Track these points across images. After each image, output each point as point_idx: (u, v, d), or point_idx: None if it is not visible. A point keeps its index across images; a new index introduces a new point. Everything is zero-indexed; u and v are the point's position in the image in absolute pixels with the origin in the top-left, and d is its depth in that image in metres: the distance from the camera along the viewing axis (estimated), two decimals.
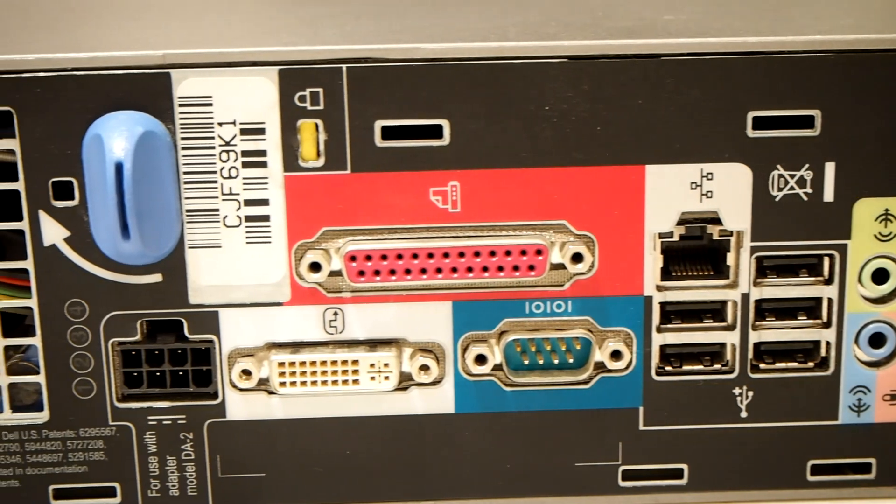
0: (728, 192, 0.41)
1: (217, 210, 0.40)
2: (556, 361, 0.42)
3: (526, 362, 0.42)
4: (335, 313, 0.42)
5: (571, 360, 0.42)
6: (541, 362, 0.42)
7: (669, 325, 0.42)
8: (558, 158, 0.40)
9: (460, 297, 0.42)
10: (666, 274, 0.42)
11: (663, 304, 0.42)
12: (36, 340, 0.41)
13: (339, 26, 0.43)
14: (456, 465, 0.43)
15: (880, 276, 0.42)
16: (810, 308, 0.42)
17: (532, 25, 0.43)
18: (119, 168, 0.38)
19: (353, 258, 0.40)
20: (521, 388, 0.42)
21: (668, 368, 0.43)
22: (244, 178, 0.40)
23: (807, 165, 0.41)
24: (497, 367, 0.42)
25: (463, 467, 0.43)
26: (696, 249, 0.43)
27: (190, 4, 0.47)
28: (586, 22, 0.43)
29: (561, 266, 0.41)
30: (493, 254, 0.41)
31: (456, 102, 0.40)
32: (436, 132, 0.40)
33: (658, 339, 0.42)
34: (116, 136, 0.38)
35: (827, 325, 0.42)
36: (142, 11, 0.47)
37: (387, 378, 0.42)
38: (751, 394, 0.43)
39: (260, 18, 0.45)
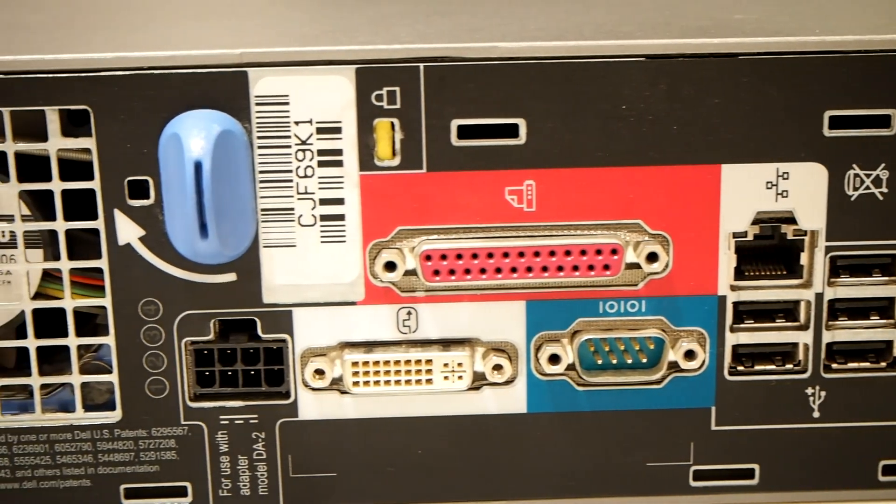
0: (803, 192, 0.41)
1: (292, 209, 0.40)
2: (629, 361, 0.42)
3: (599, 362, 0.42)
4: (409, 313, 0.41)
5: (644, 360, 0.42)
6: (614, 362, 0.42)
7: (742, 325, 0.42)
8: (634, 158, 0.40)
9: (534, 296, 0.41)
10: (738, 273, 0.42)
11: (736, 304, 0.42)
12: (109, 340, 0.41)
13: (409, 25, 0.43)
14: (527, 465, 0.43)
15: None
16: (883, 308, 0.42)
17: (605, 25, 0.42)
18: (198, 167, 0.38)
19: (428, 257, 0.40)
20: (594, 387, 0.42)
21: (740, 368, 0.43)
22: (320, 177, 0.40)
23: (883, 165, 0.40)
24: (570, 367, 0.42)
25: (534, 467, 0.43)
26: (768, 249, 0.43)
27: (262, 4, 0.47)
28: (658, 21, 0.43)
29: (635, 265, 0.41)
30: (568, 253, 0.41)
31: (532, 101, 0.40)
32: (512, 131, 0.40)
33: (731, 339, 0.42)
34: (195, 134, 0.38)
35: None
36: (217, 10, 0.47)
37: (460, 378, 0.42)
38: (823, 394, 0.43)
39: (330, 17, 0.44)
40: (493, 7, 0.46)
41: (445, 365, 0.41)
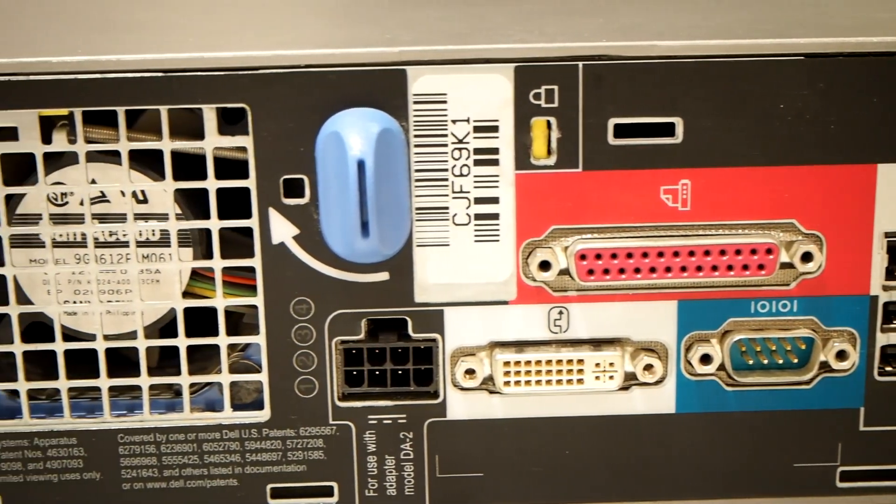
0: None
1: (447, 208, 0.40)
2: (779, 361, 0.42)
3: (749, 362, 0.42)
4: (560, 312, 0.41)
5: (795, 361, 0.42)
6: (764, 362, 0.42)
7: (893, 326, 0.42)
8: (790, 157, 0.40)
9: (686, 296, 0.41)
10: (888, 274, 0.42)
11: (887, 304, 0.42)
12: (260, 339, 0.41)
13: (558, 23, 0.43)
14: (674, 465, 0.43)
15: None
16: None
17: (757, 23, 0.42)
18: (361, 166, 0.38)
19: (583, 257, 0.40)
20: (743, 388, 0.42)
21: (889, 369, 0.42)
22: (475, 176, 0.40)
23: None
24: (719, 367, 0.42)
25: (681, 467, 0.43)
26: None
27: (413, 2, 0.47)
28: (809, 19, 0.43)
29: (787, 265, 0.41)
30: (722, 253, 0.40)
31: (690, 100, 0.40)
32: (668, 130, 0.40)
33: (881, 340, 0.42)
34: (356, 133, 0.38)
35: None
36: (371, 9, 0.46)
37: (611, 378, 0.41)
38: None
39: (474, 15, 0.44)
40: (640, 6, 0.46)
41: (597, 365, 0.41)
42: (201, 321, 0.42)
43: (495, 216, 0.40)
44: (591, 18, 0.44)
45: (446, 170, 0.40)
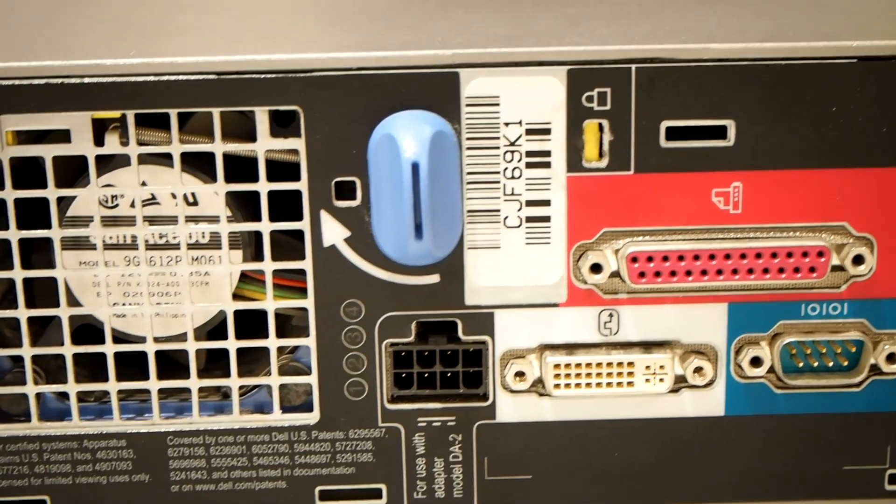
0: None
1: (498, 210, 0.40)
2: (829, 364, 0.42)
3: (799, 365, 0.42)
4: (610, 315, 0.41)
5: (845, 363, 0.42)
6: (814, 365, 0.42)
7: None
8: (842, 160, 0.40)
9: (736, 298, 0.41)
10: None
11: None
12: (310, 341, 0.41)
13: (609, 26, 0.43)
14: (723, 468, 0.43)
15: None
16: None
17: (808, 26, 0.42)
18: (415, 168, 0.38)
19: (634, 259, 0.40)
20: (793, 390, 0.42)
21: None
22: (527, 179, 0.40)
23: None
24: (769, 370, 0.42)
25: (730, 470, 0.43)
26: None
27: (458, 5, 0.47)
28: (860, 22, 0.43)
29: (838, 268, 0.41)
30: (774, 255, 0.40)
31: (742, 103, 0.40)
32: (720, 133, 0.40)
33: None
34: (410, 136, 0.38)
35: None
36: (416, 12, 0.46)
37: (662, 380, 0.41)
38: None
39: (523, 18, 0.44)
40: (677, 9, 0.46)
41: (647, 367, 0.41)
42: (246, 323, 0.42)
43: (546, 219, 0.40)
44: (639, 21, 0.44)
45: (498, 172, 0.40)
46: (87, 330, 0.42)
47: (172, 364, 0.43)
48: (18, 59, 0.39)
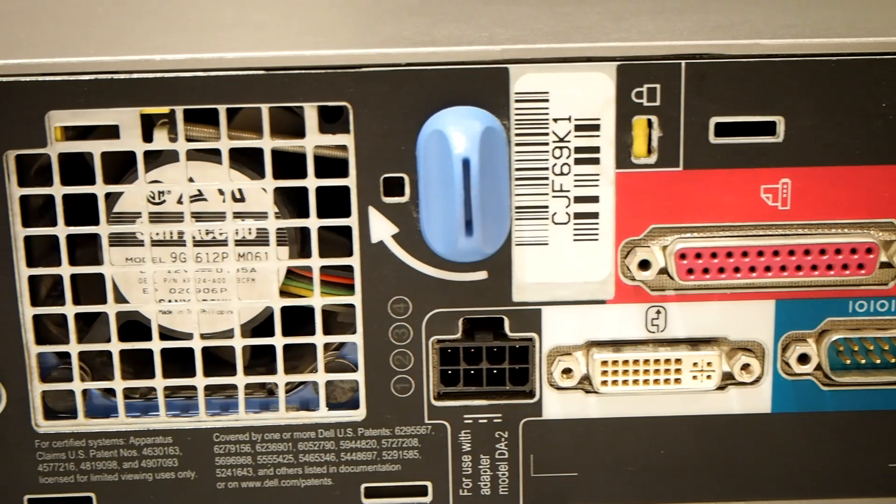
0: None
1: (546, 207, 0.40)
2: (876, 361, 0.42)
3: (847, 362, 0.42)
4: (658, 311, 0.41)
5: (892, 360, 0.42)
6: (861, 362, 0.42)
7: None
8: (891, 156, 0.40)
9: (784, 295, 0.41)
10: None
11: None
12: (356, 338, 0.41)
13: (653, 22, 0.43)
14: (769, 464, 0.43)
15: None
16: None
17: (854, 21, 0.42)
18: (466, 164, 0.38)
19: (682, 256, 0.40)
20: (840, 387, 0.42)
21: None
22: (576, 175, 0.40)
23: None
24: (816, 367, 0.42)
25: (775, 467, 0.43)
26: None
27: (501, 0, 0.47)
28: None
29: (887, 265, 0.41)
30: (822, 252, 0.40)
31: (791, 99, 0.39)
32: (769, 129, 0.40)
33: None
34: (460, 132, 0.38)
35: None
36: (460, 7, 0.46)
37: (709, 377, 0.41)
38: None
39: (568, 14, 0.44)
40: (720, 4, 0.46)
41: (695, 364, 0.41)
42: (288, 320, 0.42)
43: (595, 215, 0.40)
44: (683, 17, 0.44)
45: (546, 168, 0.40)
46: (131, 326, 0.42)
47: (214, 360, 0.43)
48: (67, 55, 0.39)
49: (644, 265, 0.40)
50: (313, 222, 0.40)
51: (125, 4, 0.49)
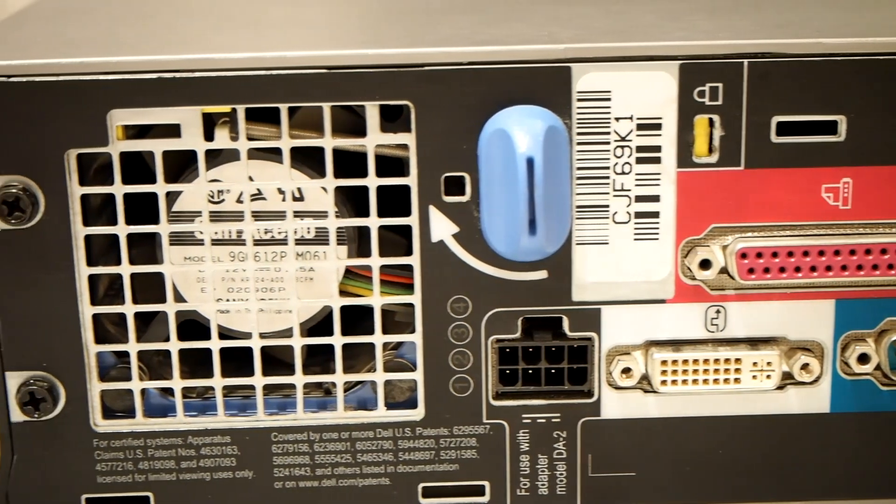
0: None
1: (607, 206, 0.40)
2: None
3: None
4: (717, 311, 0.41)
5: None
6: None
7: None
8: None
9: (843, 295, 0.41)
10: None
11: None
12: (415, 337, 0.41)
13: (711, 21, 0.43)
14: (828, 464, 0.43)
15: None
16: None
17: None
18: (530, 163, 0.38)
19: (743, 255, 0.40)
20: None
21: None
22: (637, 174, 0.40)
23: None
24: (875, 367, 0.42)
25: (834, 467, 0.43)
26: None
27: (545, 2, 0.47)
28: None
29: None
30: (883, 252, 0.40)
31: (853, 98, 0.39)
32: (831, 128, 0.40)
33: None
34: (523, 131, 0.38)
35: None
36: (514, 6, 0.46)
37: (769, 377, 0.41)
38: None
39: (621, 12, 0.44)
40: (774, 3, 0.46)
41: (754, 364, 0.41)
42: (344, 319, 0.42)
43: (655, 214, 0.40)
44: (739, 16, 0.43)
45: (608, 168, 0.40)
46: (188, 325, 0.42)
47: (268, 360, 0.43)
48: (128, 54, 0.39)
49: (704, 265, 0.40)
50: (373, 221, 0.40)
51: (171, 4, 0.49)
